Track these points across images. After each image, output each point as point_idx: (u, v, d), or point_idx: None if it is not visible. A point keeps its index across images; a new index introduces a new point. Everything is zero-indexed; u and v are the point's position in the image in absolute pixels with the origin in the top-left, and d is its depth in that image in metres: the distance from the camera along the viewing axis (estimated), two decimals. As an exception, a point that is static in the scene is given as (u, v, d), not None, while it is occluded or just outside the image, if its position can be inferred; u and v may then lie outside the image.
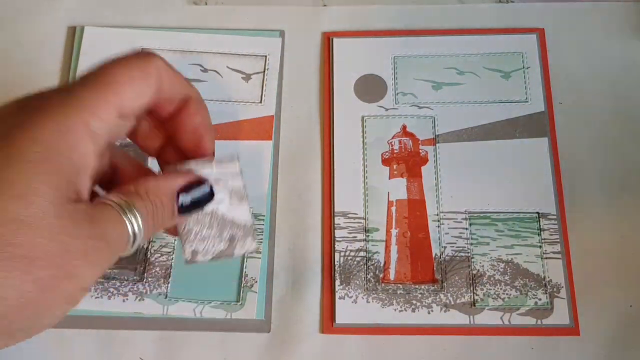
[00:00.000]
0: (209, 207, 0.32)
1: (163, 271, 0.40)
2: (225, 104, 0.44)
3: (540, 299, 0.38)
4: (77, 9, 0.47)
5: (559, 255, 0.39)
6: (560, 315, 0.38)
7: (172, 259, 0.40)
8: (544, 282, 0.38)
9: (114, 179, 0.28)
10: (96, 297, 0.39)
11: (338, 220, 0.41)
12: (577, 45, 0.45)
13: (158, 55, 0.25)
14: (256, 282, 0.39)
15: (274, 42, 0.45)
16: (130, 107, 0.24)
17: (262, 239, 0.40)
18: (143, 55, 0.24)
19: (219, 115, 0.43)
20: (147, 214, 0.25)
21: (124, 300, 0.39)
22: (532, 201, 0.40)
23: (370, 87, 0.44)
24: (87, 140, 0.22)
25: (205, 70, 0.45)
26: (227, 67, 0.45)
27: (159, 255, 0.40)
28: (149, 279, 0.39)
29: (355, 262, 0.40)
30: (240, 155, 0.40)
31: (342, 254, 0.40)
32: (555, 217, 0.40)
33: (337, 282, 0.39)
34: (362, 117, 0.43)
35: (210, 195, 0.29)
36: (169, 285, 0.39)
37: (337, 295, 0.39)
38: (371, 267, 0.40)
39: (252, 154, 0.42)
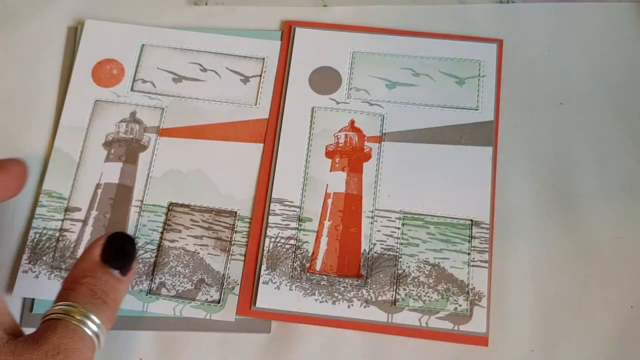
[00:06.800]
0: (192, 247, 0.37)
1: (146, 268, 0.40)
2: (221, 105, 0.44)
3: (460, 305, 0.38)
4: (77, 8, 0.47)
5: (486, 265, 0.39)
6: (477, 324, 0.38)
7: (155, 255, 0.40)
8: (467, 288, 0.39)
9: None
10: None
11: (274, 206, 0.41)
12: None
13: None
14: (237, 284, 0.39)
15: (273, 44, 0.46)
16: None
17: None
18: None
19: (214, 115, 0.43)
20: (93, 297, 0.26)
21: None
22: (467, 208, 0.40)
23: (325, 79, 0.44)
24: None
25: (204, 70, 0.45)
26: (227, 68, 0.45)
27: (143, 252, 0.40)
28: None
29: (284, 250, 0.40)
30: (232, 157, 0.41)
31: (273, 240, 0.40)
32: (488, 226, 0.40)
33: (264, 267, 0.39)
34: (312, 108, 0.43)
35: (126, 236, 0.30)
36: (151, 282, 0.39)
37: (262, 280, 0.39)
38: (299, 255, 0.40)
39: (244, 156, 0.42)
